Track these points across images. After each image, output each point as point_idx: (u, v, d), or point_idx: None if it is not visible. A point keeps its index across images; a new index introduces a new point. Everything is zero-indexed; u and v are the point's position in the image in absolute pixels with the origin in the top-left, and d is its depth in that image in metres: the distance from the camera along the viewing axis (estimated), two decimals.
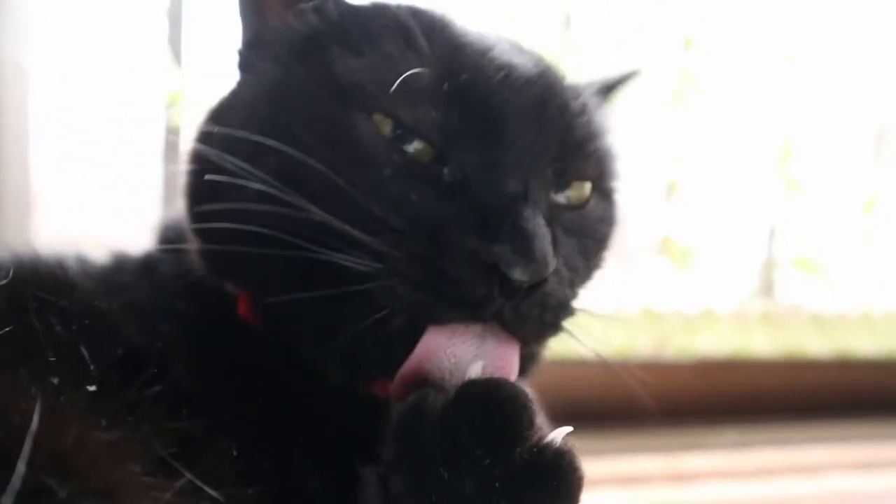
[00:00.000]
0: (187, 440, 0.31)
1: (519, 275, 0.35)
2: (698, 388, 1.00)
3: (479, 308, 0.35)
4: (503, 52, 0.42)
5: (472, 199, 0.37)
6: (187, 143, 0.42)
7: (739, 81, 1.18)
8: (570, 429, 0.34)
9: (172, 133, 0.88)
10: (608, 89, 0.53)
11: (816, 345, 1.09)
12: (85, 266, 0.41)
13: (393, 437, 0.33)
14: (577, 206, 0.43)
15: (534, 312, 0.37)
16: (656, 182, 1.20)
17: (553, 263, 0.36)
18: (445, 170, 0.38)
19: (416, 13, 0.42)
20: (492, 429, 0.33)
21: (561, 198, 0.43)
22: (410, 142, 0.38)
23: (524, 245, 0.35)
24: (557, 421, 0.36)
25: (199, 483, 0.30)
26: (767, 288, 1.23)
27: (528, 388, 0.35)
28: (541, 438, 0.33)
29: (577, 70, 1.05)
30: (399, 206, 0.37)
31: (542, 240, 0.36)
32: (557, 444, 0.33)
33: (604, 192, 0.46)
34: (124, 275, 0.41)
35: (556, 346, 0.96)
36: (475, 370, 0.35)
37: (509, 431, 0.33)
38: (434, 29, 0.41)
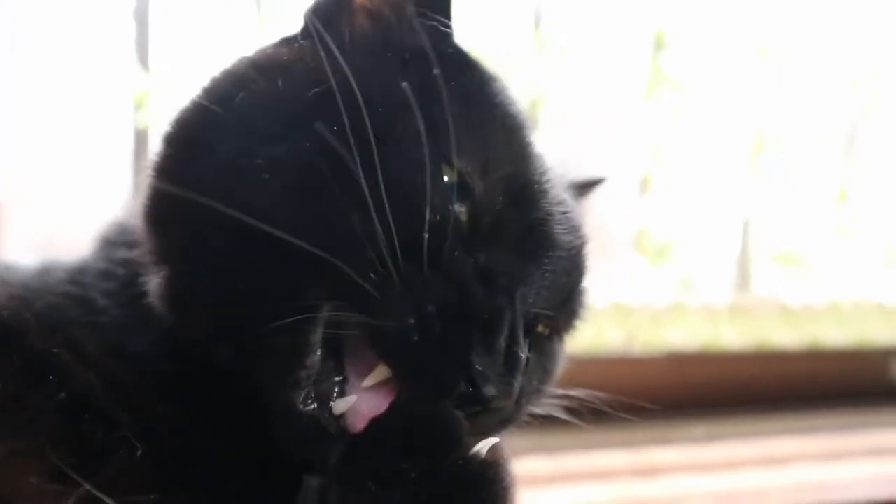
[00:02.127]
0: (88, 449, 0.32)
1: (490, 393, 0.35)
2: (668, 381, 1.01)
3: (440, 394, 0.35)
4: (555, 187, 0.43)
5: (491, 297, 0.37)
6: (155, 145, 0.41)
7: (712, 76, 1.19)
8: (496, 440, 0.35)
9: (141, 135, 0.89)
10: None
11: (785, 336, 1.10)
12: (4, 272, 0.40)
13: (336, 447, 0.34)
14: (549, 335, 0.45)
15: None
16: (630, 177, 1.21)
17: (516, 394, 0.37)
18: (479, 253, 0.38)
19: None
20: (417, 442, 0.34)
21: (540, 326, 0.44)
22: (461, 201, 0.38)
23: (510, 372, 0.36)
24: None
25: (96, 493, 0.30)
26: (743, 281, 1.24)
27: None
28: (466, 451, 0.34)
29: (549, 69, 1.05)
30: (434, 256, 0.36)
31: (522, 373, 0.37)
32: (483, 456, 0.34)
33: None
34: (48, 280, 0.40)
35: None
36: (341, 405, 0.36)
37: (434, 444, 0.34)
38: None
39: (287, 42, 0.41)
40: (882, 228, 1.32)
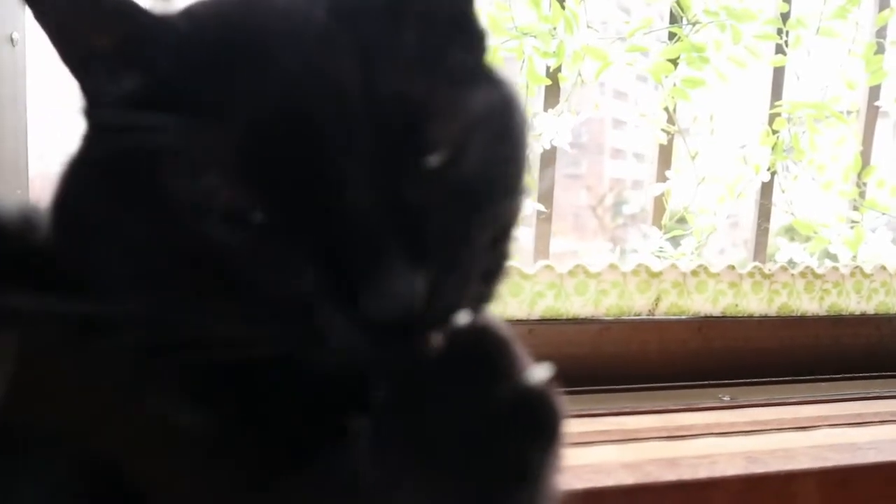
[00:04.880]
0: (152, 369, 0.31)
1: (384, 319, 0.30)
2: (692, 345, 1.02)
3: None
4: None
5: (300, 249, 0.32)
6: None
7: (728, 45, 1.18)
8: (548, 366, 0.35)
9: None
10: None
11: (807, 302, 1.11)
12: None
13: (382, 383, 0.33)
14: (449, 160, 0.34)
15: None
16: (649, 147, 1.21)
17: (417, 288, 0.32)
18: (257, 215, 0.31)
19: None
20: (476, 368, 0.33)
21: (422, 162, 0.34)
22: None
23: (384, 290, 0.31)
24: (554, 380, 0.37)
25: (168, 407, 0.30)
26: (763, 248, 1.24)
27: (507, 330, 0.35)
28: (522, 377, 0.34)
29: (572, 37, 1.05)
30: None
31: (400, 274, 0.31)
32: (538, 382, 0.34)
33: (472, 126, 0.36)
34: None
35: (552, 305, 0.97)
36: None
37: (492, 370, 0.33)
38: None
39: None
40: None
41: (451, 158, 0.34)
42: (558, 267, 0.97)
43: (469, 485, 0.32)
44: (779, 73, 1.23)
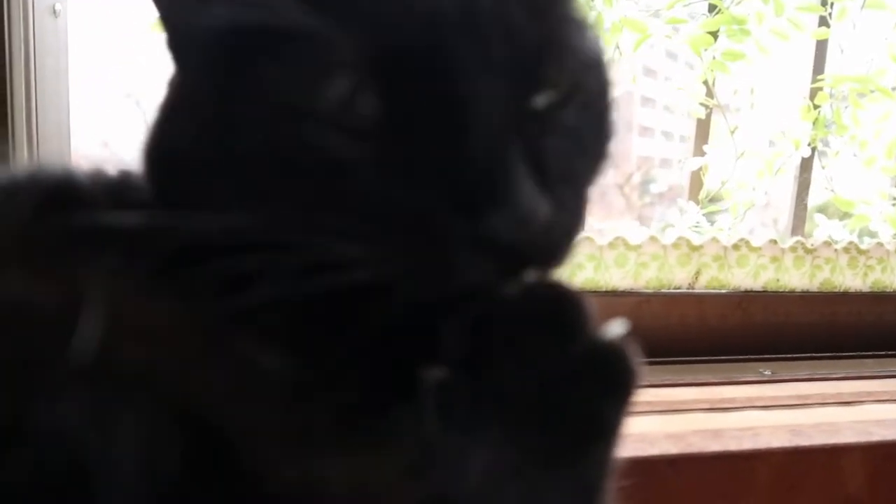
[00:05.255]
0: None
1: (512, 238, 0.30)
2: (732, 319, 1.01)
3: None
4: None
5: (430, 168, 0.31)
6: None
7: (770, 17, 1.16)
8: (623, 323, 0.34)
9: None
10: None
11: (849, 278, 1.09)
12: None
13: (458, 335, 0.32)
14: (562, 100, 0.34)
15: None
16: (687, 123, 1.19)
17: (544, 211, 0.31)
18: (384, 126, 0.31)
19: None
20: (553, 323, 0.33)
21: (540, 100, 0.34)
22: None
23: (509, 207, 0.30)
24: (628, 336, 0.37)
25: (257, 347, 0.30)
26: (803, 223, 1.22)
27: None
28: (597, 334, 0.33)
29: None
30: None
31: (526, 190, 0.30)
32: (613, 339, 0.33)
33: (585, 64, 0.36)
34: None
35: (591, 277, 0.97)
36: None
37: (569, 326, 0.33)
38: None
39: None
40: None
41: (563, 98, 0.34)
42: (598, 239, 0.96)
43: (544, 441, 0.32)
44: (822, 46, 1.20)
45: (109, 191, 0.36)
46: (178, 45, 0.36)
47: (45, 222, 0.32)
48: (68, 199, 0.34)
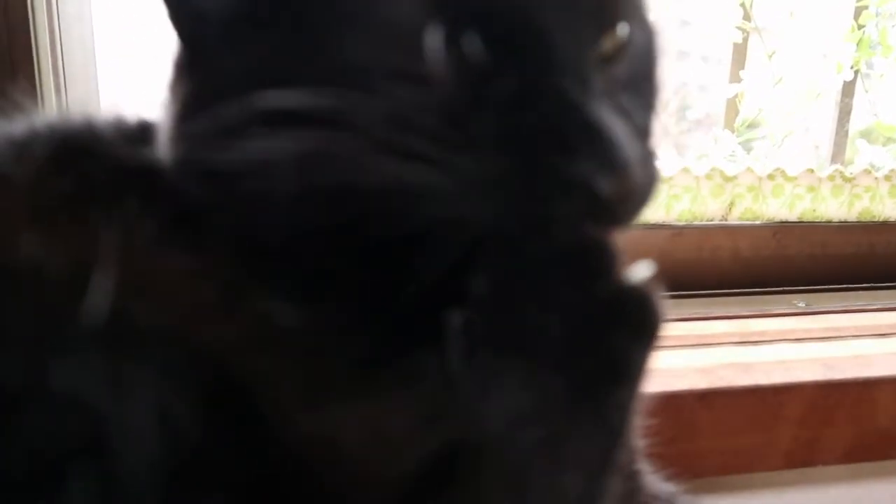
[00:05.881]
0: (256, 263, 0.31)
1: (609, 188, 0.30)
2: (766, 250, 0.99)
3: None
4: None
5: (531, 106, 0.31)
6: None
7: None
8: (651, 265, 0.34)
9: None
10: None
11: (888, 207, 1.06)
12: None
13: (484, 275, 0.32)
14: (620, 48, 0.35)
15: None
16: (724, 47, 1.15)
17: (638, 163, 0.31)
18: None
19: None
20: (578, 267, 0.32)
21: (605, 47, 0.34)
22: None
23: (606, 153, 0.30)
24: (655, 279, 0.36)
25: (272, 304, 0.30)
26: (842, 152, 1.19)
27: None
28: (623, 276, 0.33)
29: None
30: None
31: (621, 137, 0.30)
32: (639, 282, 0.33)
33: (636, 14, 0.37)
34: None
35: None
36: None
37: (594, 269, 0.32)
38: None
39: None
40: None
41: (622, 45, 0.35)
42: None
43: (567, 384, 0.32)
44: None
45: (129, 141, 0.35)
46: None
47: (60, 175, 0.32)
48: (85, 150, 0.34)
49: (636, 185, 0.31)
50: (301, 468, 0.29)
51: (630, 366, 0.33)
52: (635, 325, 0.33)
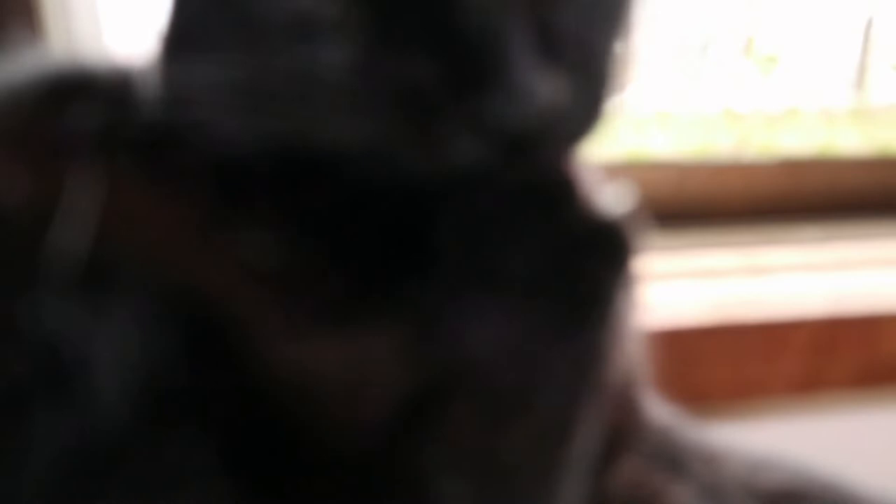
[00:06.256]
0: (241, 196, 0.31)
1: (506, 124, 0.28)
2: (780, 188, 0.98)
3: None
4: None
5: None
6: None
7: None
8: (624, 189, 0.34)
9: None
10: None
11: None
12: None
13: (449, 215, 0.32)
14: None
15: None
16: None
17: (547, 91, 0.29)
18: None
19: None
20: (548, 197, 0.33)
21: None
22: None
23: (510, 89, 0.28)
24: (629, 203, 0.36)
25: (250, 239, 0.30)
26: (862, 87, 1.16)
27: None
28: (593, 202, 0.33)
29: None
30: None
31: (528, 72, 0.28)
32: (611, 210, 0.33)
33: None
34: None
35: (631, 148, 0.95)
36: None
37: (563, 196, 0.33)
38: None
39: None
40: None
41: None
42: (638, 107, 0.93)
43: (543, 313, 0.32)
44: None
45: (122, 83, 0.35)
46: None
47: (47, 115, 0.32)
48: (77, 90, 0.34)
49: (555, 113, 0.30)
50: (278, 407, 0.30)
51: (604, 294, 0.33)
52: (607, 253, 0.33)
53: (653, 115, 0.91)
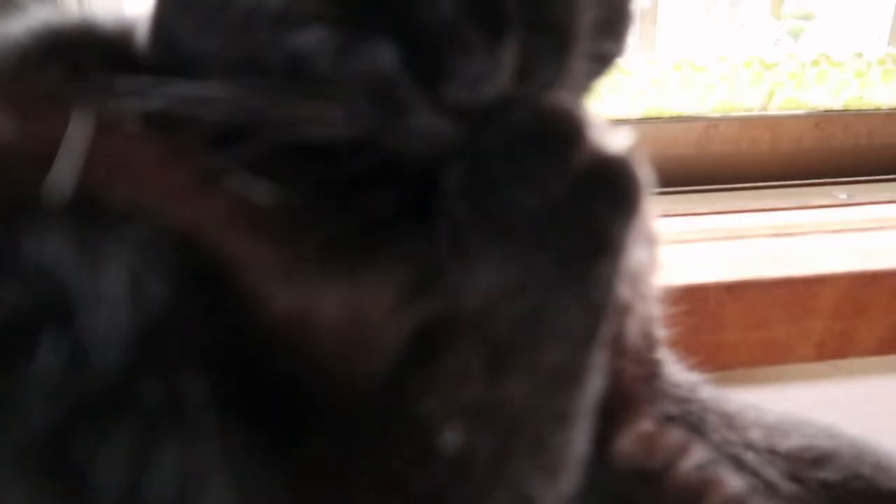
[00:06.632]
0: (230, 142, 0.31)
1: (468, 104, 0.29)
2: (808, 141, 0.95)
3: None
4: None
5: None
6: None
7: None
8: (627, 134, 0.33)
9: None
10: None
11: None
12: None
13: (459, 162, 0.32)
14: None
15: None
16: None
17: (505, 64, 0.30)
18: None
19: None
20: (548, 141, 0.31)
21: None
22: None
23: (463, 76, 0.29)
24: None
25: (247, 184, 0.30)
26: (894, 39, 1.12)
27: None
28: (598, 146, 0.32)
29: None
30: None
31: (479, 56, 0.29)
32: (615, 152, 0.32)
33: None
34: None
35: (655, 103, 0.93)
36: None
37: (566, 142, 0.31)
38: None
39: None
40: None
41: None
42: (662, 61, 0.90)
43: (549, 256, 0.31)
44: None
45: (126, 38, 0.36)
46: None
47: (47, 65, 0.32)
48: (79, 44, 0.34)
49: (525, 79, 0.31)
50: (276, 351, 0.30)
51: (610, 238, 0.32)
52: (613, 196, 0.32)
53: (677, 67, 0.89)
